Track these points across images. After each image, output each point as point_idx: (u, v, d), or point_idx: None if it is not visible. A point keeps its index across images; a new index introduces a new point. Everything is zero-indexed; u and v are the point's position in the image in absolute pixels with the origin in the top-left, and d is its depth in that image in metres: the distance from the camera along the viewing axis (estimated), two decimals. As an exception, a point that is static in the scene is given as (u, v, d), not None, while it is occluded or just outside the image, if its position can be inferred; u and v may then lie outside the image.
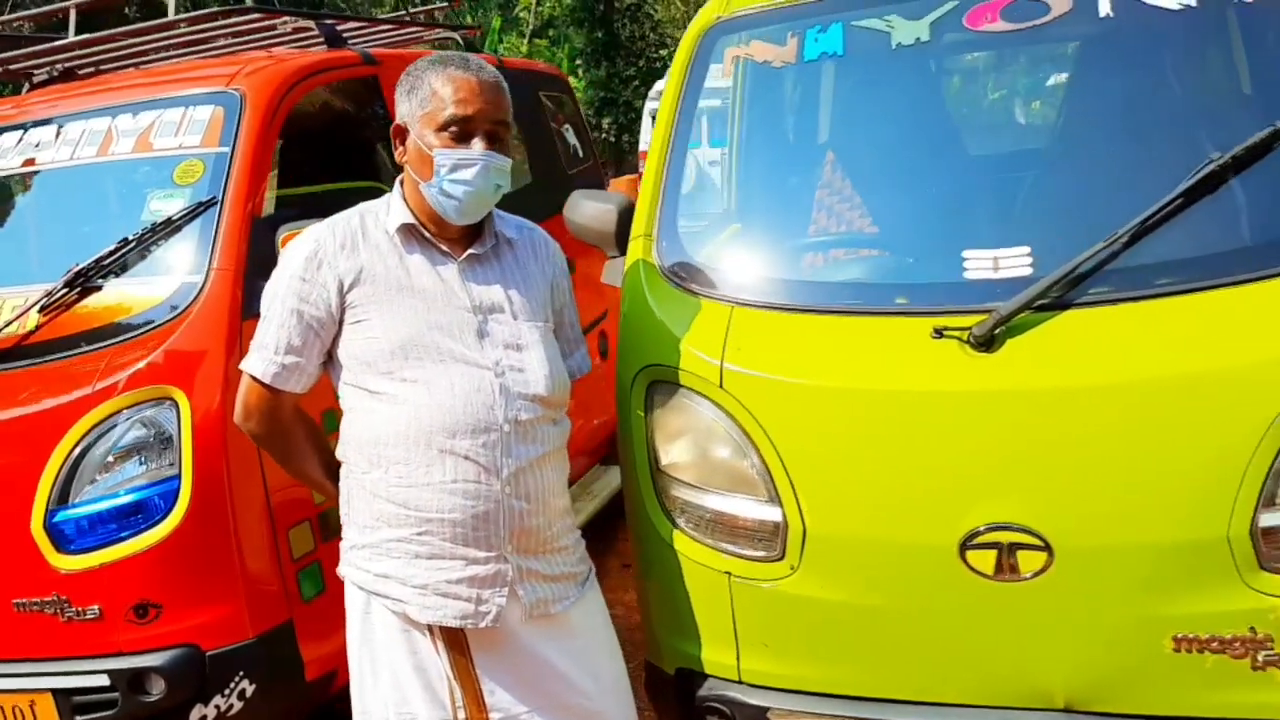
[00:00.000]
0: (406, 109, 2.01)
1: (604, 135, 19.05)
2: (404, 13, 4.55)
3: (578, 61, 19.89)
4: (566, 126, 4.90)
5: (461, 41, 4.63)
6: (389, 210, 2.06)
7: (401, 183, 2.08)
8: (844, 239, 2.31)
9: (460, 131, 1.95)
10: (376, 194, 2.24)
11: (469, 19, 19.40)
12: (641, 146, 15.88)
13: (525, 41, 20.60)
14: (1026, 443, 1.90)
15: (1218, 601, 1.84)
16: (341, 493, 2.09)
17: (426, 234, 2.03)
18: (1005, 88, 3.02)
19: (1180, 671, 1.87)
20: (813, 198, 2.40)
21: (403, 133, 2.03)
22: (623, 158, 18.70)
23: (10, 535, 2.55)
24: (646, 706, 2.44)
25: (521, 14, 21.51)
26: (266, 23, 3.62)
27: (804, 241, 2.38)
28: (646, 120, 15.67)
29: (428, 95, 1.97)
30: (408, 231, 2.02)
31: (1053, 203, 2.24)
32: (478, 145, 1.96)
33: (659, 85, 16.29)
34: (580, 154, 5.00)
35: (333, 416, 2.71)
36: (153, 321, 2.68)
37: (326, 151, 3.36)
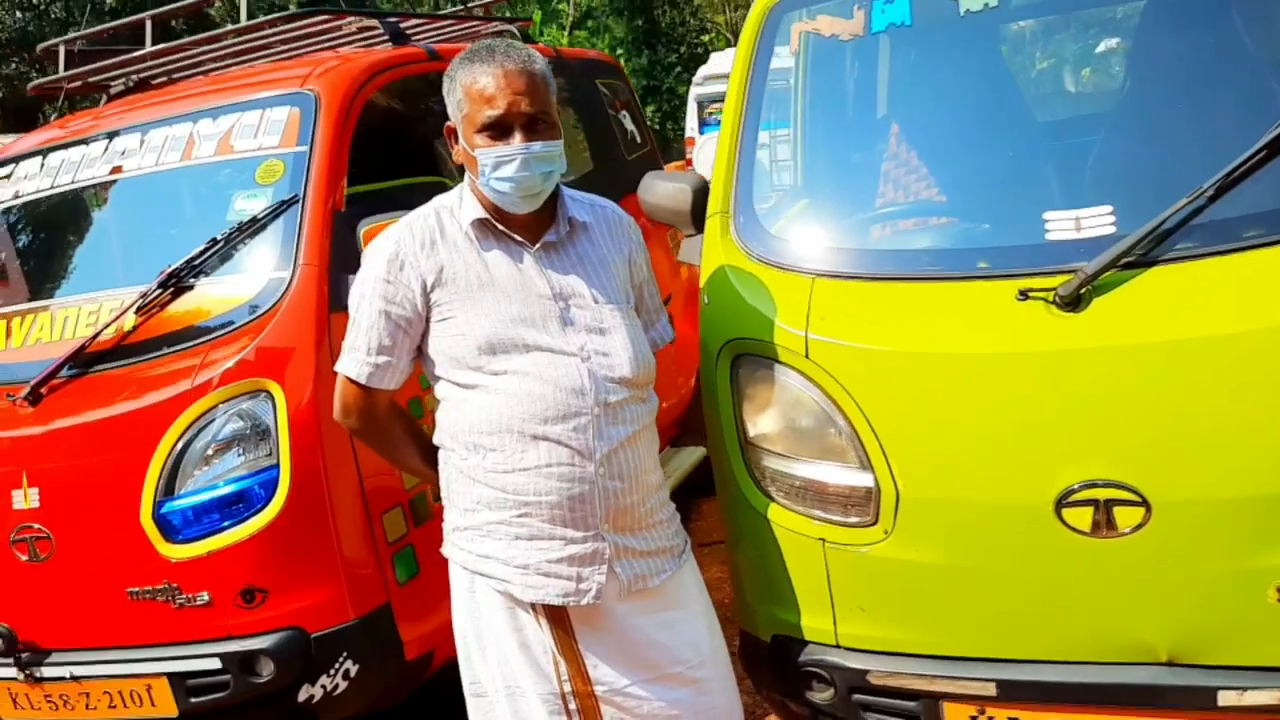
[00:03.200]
0: (450, 112, 2.06)
1: (648, 123, 19.08)
2: (462, 8, 4.61)
3: (619, 51, 19.92)
4: (623, 113, 4.95)
5: (517, 33, 4.69)
6: (461, 204, 2.10)
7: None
8: (922, 207, 2.33)
9: (498, 130, 1.98)
10: (445, 188, 2.29)
11: (507, 14, 19.49)
12: (688, 133, 15.89)
13: (565, 34, 20.67)
14: (1118, 399, 1.91)
15: (1320, 550, 1.84)
16: (441, 477, 2.16)
17: (499, 226, 2.07)
18: (1077, 49, 3.01)
19: (1284, 622, 1.87)
20: (891, 168, 2.42)
21: (454, 133, 2.08)
22: (668, 145, 18.72)
23: (122, 527, 2.66)
24: (742, 676, 2.48)
25: (561, 6, 21.58)
26: (333, 24, 3.71)
27: (881, 212, 2.40)
28: (692, 106, 15.66)
29: (461, 97, 2.01)
30: (482, 226, 2.07)
31: (1134, 161, 2.24)
32: (516, 138, 1.97)
33: (704, 70, 16.25)
34: (638, 139, 5.05)
35: (419, 404, 2.79)
36: (244, 317, 2.76)
37: (398, 146, 3.42)
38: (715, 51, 19.40)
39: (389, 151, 3.42)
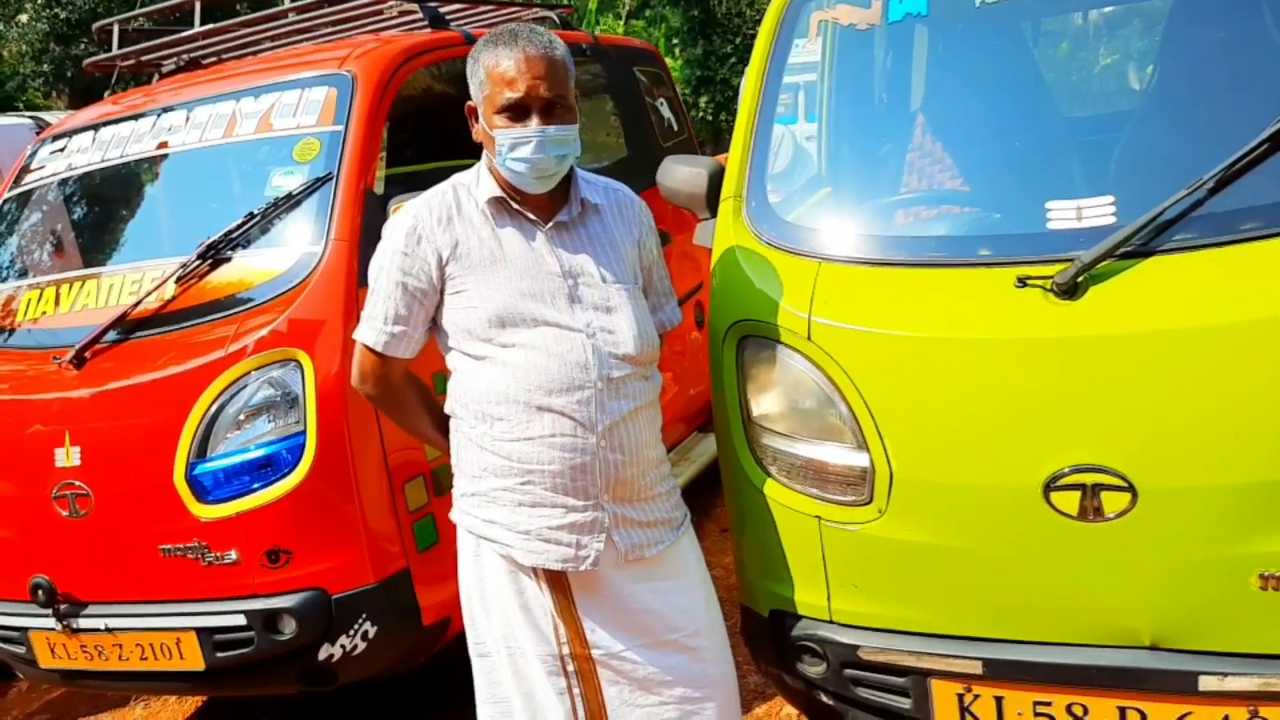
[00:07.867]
0: (472, 91, 2.13)
1: (701, 114, 19.03)
2: (504, -7, 4.70)
3: (674, 40, 19.88)
4: (661, 100, 5.00)
5: (558, 20, 4.76)
6: (479, 182, 2.17)
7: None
8: (928, 195, 2.37)
9: (516, 112, 2.04)
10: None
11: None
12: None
13: (622, 23, 20.68)
14: (1109, 386, 1.94)
15: (1305, 540, 1.86)
16: (452, 445, 2.25)
17: (514, 205, 2.14)
18: (1089, 41, 3.01)
19: (1267, 609, 1.89)
20: (898, 156, 2.46)
21: (475, 113, 2.15)
22: (720, 136, 18.65)
23: (157, 486, 2.79)
24: (743, 652, 2.54)
25: (618, -6, 21.59)
26: (375, 7, 3.81)
27: (889, 199, 2.44)
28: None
29: (483, 78, 2.08)
30: (498, 204, 2.14)
31: (1141, 153, 2.25)
32: (534, 121, 2.03)
33: (755, 62, 16.19)
34: (675, 127, 5.09)
35: (443, 378, 2.89)
36: (277, 289, 2.88)
37: (435, 128, 3.51)
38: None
39: (426, 134, 3.51)
